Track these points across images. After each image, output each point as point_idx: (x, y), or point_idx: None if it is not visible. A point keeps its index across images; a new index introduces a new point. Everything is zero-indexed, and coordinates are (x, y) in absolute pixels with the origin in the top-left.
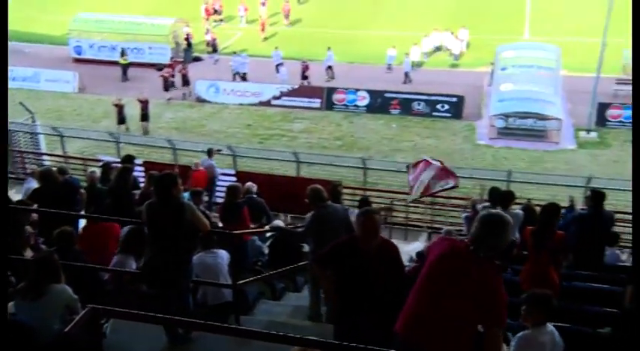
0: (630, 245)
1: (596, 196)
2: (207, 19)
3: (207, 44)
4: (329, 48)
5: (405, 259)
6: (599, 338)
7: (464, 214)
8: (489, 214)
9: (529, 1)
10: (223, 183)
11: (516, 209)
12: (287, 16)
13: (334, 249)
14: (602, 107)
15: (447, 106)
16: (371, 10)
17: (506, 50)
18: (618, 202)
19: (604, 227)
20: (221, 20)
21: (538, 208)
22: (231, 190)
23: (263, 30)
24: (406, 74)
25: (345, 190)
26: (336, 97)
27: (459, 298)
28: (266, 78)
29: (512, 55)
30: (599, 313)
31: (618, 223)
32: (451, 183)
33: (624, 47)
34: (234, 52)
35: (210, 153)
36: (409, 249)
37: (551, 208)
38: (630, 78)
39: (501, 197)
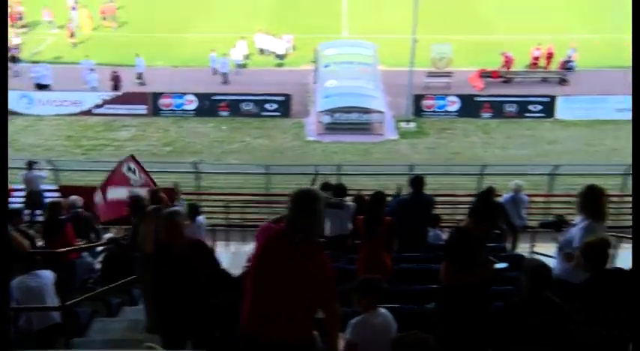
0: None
1: (416, 182)
2: (12, 26)
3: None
4: (137, 55)
5: (243, 259)
6: (425, 314)
7: None
8: (299, 191)
9: (345, 1)
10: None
11: (348, 201)
12: (106, 19)
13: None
14: (418, 99)
15: (275, 105)
16: (193, 12)
17: (328, 48)
18: (439, 185)
19: (425, 210)
20: (24, 26)
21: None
22: (51, 207)
23: (72, 36)
24: (224, 75)
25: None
26: (163, 102)
27: (291, 282)
28: (76, 86)
29: (333, 53)
30: (425, 290)
31: (438, 206)
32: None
33: (432, 42)
34: (35, 62)
35: (30, 165)
36: (247, 249)
37: (378, 197)
38: (439, 71)
39: (334, 190)
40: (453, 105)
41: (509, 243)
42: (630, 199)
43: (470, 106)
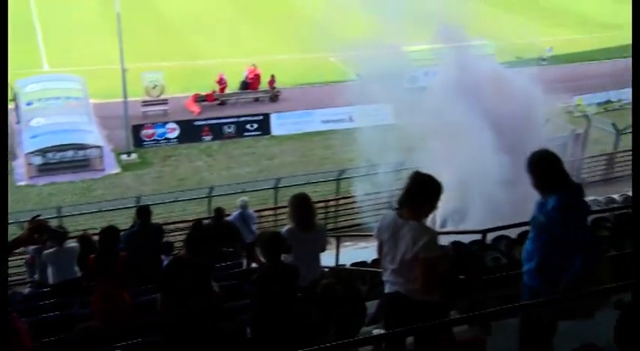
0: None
1: (141, 213)
2: None
3: None
4: None
5: None
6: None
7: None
8: None
9: (40, 33)
10: None
11: (72, 243)
12: None
13: None
14: (136, 129)
15: None
16: None
17: (28, 84)
18: (171, 213)
19: (154, 239)
20: None
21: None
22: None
23: None
24: None
25: None
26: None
27: None
28: None
29: (35, 89)
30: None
31: (171, 233)
32: None
33: (142, 71)
34: None
35: None
36: None
37: (108, 233)
38: (154, 99)
39: (50, 235)
40: (173, 132)
41: (244, 259)
42: (345, 201)
43: (190, 131)
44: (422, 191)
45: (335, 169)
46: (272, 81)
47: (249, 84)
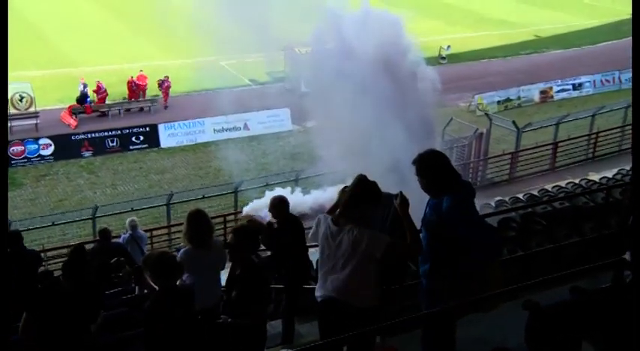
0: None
1: (12, 237)
2: None
3: None
4: None
5: None
6: None
7: None
8: None
9: None
10: None
11: None
12: None
13: None
14: None
15: None
16: None
17: None
18: (49, 238)
19: (29, 267)
20: None
21: None
22: None
23: None
24: None
25: None
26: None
27: None
28: None
29: None
30: None
31: (51, 261)
32: None
33: None
34: None
35: None
36: None
37: None
38: (23, 113)
39: None
40: (47, 148)
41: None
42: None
43: (67, 147)
44: (365, 196)
45: (232, 181)
46: (164, 83)
47: (133, 92)
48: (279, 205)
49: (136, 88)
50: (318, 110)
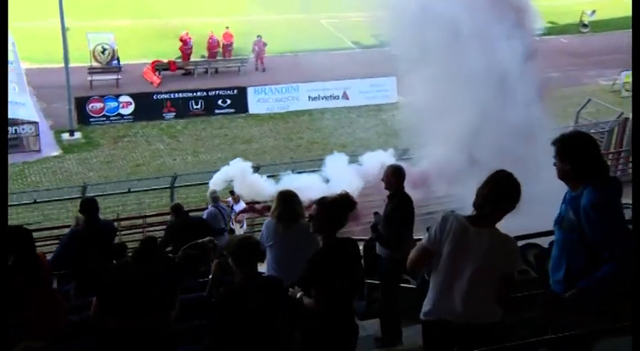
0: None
1: (87, 206)
2: None
3: None
4: None
5: None
6: None
7: None
8: None
9: None
10: None
11: None
12: None
13: None
14: (81, 102)
15: None
16: None
17: None
18: (123, 206)
19: (103, 240)
20: None
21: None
22: None
23: None
24: None
25: None
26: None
27: None
28: None
29: None
30: None
31: (125, 231)
32: None
33: (88, 30)
34: None
35: None
36: None
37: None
38: (103, 66)
39: None
40: (127, 107)
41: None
42: None
43: (148, 107)
44: (505, 193)
45: (324, 156)
46: (258, 42)
47: (213, 51)
48: (396, 172)
49: (218, 47)
50: (428, 82)
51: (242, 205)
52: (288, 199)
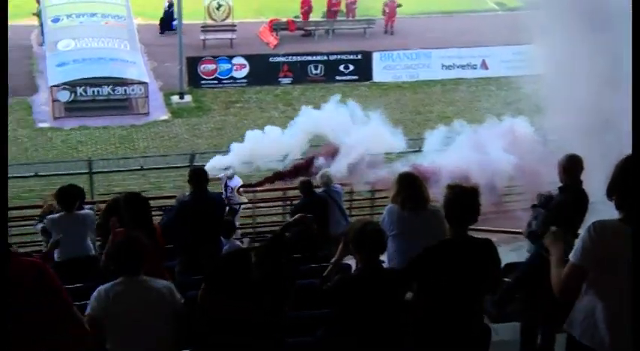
0: None
1: (198, 177)
2: None
3: None
4: None
5: None
6: None
7: None
8: None
9: None
10: None
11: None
12: None
13: None
14: (193, 62)
15: None
16: None
17: None
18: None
19: (212, 215)
20: None
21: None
22: None
23: None
24: None
25: None
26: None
27: None
28: None
29: (64, 1)
30: None
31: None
32: None
33: None
34: None
35: None
36: None
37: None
38: (218, 24)
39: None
40: (241, 69)
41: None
42: None
43: (263, 70)
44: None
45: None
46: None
47: (346, 10)
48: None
49: (339, 5)
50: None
51: (237, 181)
52: (411, 181)
